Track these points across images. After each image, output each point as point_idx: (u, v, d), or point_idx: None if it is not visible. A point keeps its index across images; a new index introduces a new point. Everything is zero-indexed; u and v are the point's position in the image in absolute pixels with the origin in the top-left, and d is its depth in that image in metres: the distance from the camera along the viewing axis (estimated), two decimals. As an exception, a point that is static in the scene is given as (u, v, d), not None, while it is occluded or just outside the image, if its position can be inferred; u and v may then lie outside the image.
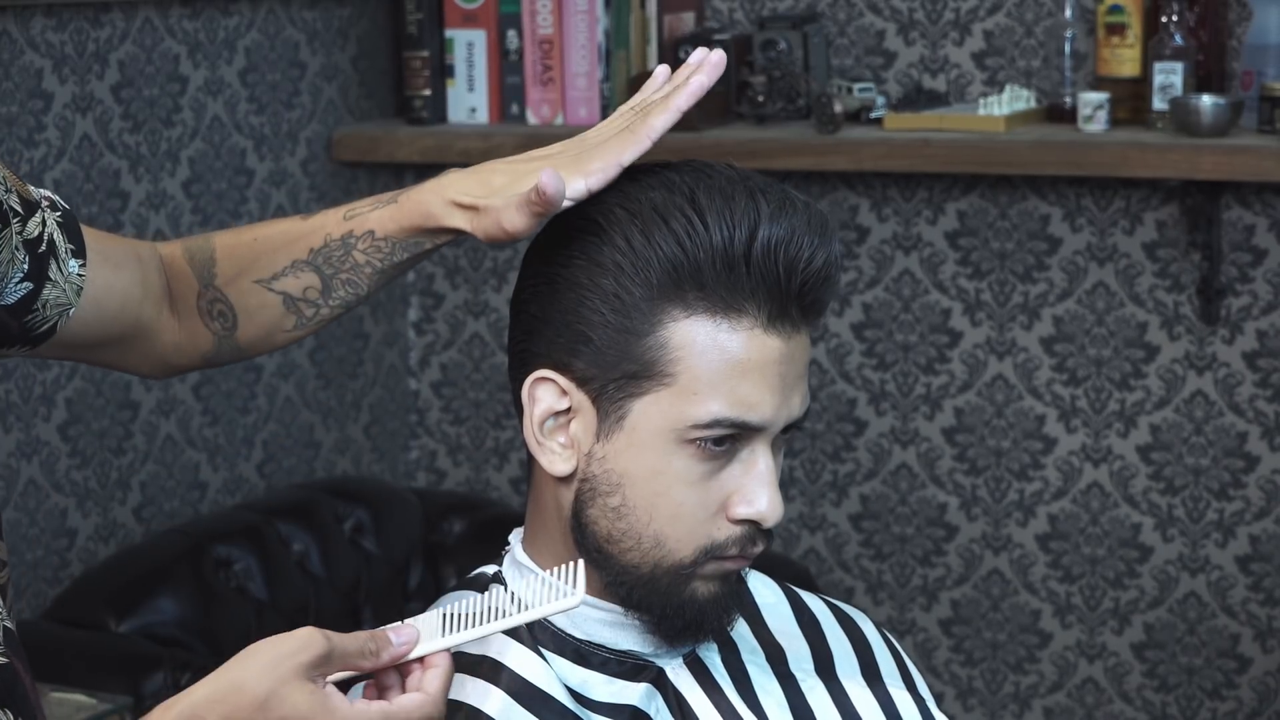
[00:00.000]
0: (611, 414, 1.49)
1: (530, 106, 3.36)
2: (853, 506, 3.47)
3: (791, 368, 1.49)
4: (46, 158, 2.78)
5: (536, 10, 3.33)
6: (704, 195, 1.47)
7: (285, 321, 1.65)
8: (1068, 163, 3.08)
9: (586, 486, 1.51)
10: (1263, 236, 3.20)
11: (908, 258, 3.37)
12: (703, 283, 1.46)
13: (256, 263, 1.65)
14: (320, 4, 3.34)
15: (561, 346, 1.50)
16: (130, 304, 1.63)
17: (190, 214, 3.06)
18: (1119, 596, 3.35)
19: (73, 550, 2.87)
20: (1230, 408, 3.24)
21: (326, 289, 1.63)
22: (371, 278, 1.62)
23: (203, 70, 3.08)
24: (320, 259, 1.63)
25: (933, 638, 3.45)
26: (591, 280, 1.48)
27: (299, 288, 1.63)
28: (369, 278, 1.62)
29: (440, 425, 3.64)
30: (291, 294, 1.63)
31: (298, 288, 1.63)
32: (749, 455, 1.50)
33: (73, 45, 2.82)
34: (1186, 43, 3.06)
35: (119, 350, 1.65)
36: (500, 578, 1.59)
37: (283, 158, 3.27)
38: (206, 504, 3.12)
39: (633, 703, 1.54)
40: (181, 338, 1.67)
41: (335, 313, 1.65)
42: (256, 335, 1.67)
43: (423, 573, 3.11)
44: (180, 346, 1.67)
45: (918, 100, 3.26)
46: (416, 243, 1.60)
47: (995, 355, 3.35)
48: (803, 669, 1.63)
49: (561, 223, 1.53)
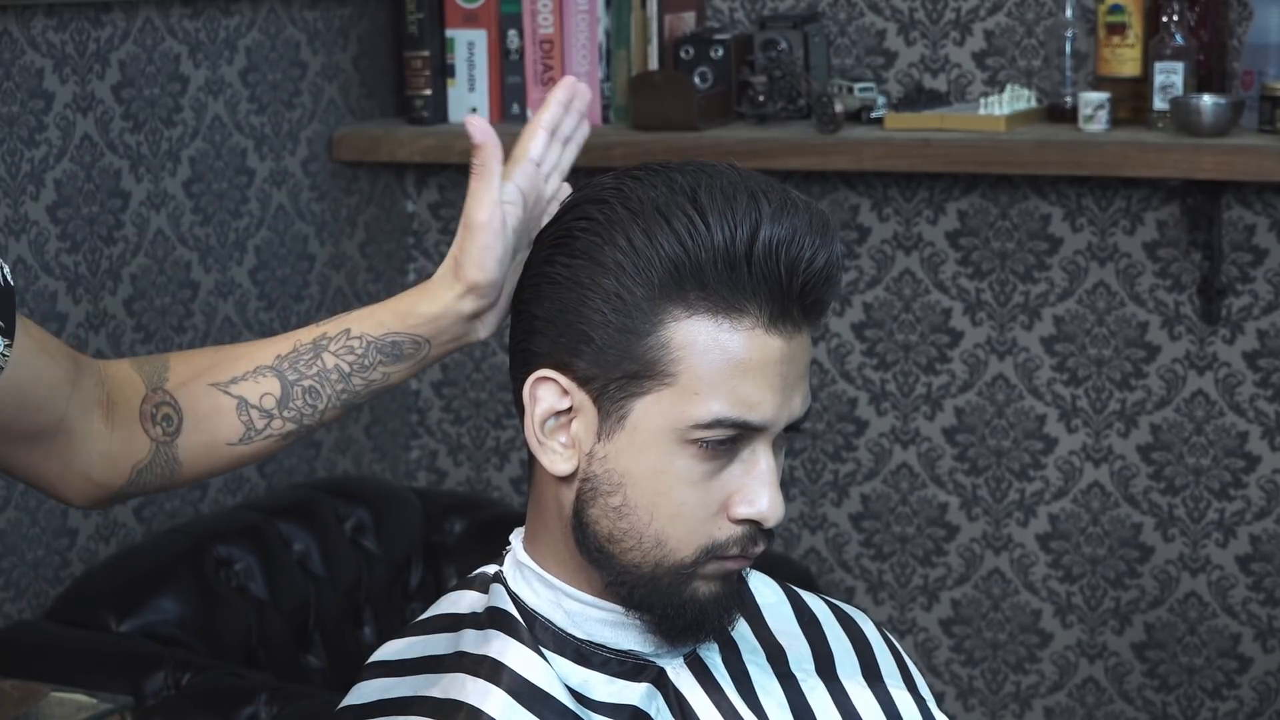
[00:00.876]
0: (613, 414, 1.49)
1: (531, 106, 3.36)
2: (853, 506, 3.47)
3: (793, 367, 1.49)
4: (47, 158, 2.78)
5: (537, 10, 3.33)
6: (706, 195, 1.47)
7: (232, 431, 1.59)
8: (1068, 162, 3.08)
9: (588, 486, 1.51)
10: (1263, 236, 3.20)
11: (908, 257, 3.37)
12: (704, 282, 1.46)
13: (216, 367, 1.60)
14: (321, 4, 3.34)
15: (563, 346, 1.51)
16: (58, 400, 1.55)
17: (190, 214, 3.06)
18: (1119, 596, 3.35)
19: (73, 550, 2.87)
20: (1231, 408, 3.24)
21: (284, 398, 1.58)
22: (336, 386, 1.58)
23: (203, 70, 3.08)
24: (286, 364, 1.58)
25: (933, 638, 3.46)
26: (593, 280, 1.48)
27: (256, 393, 1.58)
28: (333, 386, 1.58)
29: (441, 425, 3.64)
30: (247, 399, 1.58)
31: (255, 393, 1.58)
32: (750, 455, 1.50)
33: (73, 45, 2.82)
34: (1187, 42, 3.06)
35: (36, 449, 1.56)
36: (501, 578, 1.59)
37: (283, 157, 3.27)
38: (207, 503, 3.12)
39: (633, 703, 1.54)
40: (113, 446, 1.59)
41: (286, 429, 1.59)
42: (198, 446, 1.60)
43: (423, 572, 3.11)
44: (109, 456, 1.59)
45: (918, 100, 3.26)
46: (394, 344, 1.57)
47: (996, 355, 3.35)
48: (803, 669, 1.63)
49: (563, 222, 1.53)
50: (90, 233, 2.86)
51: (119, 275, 2.92)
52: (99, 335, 2.88)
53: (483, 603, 1.59)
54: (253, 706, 2.50)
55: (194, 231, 3.06)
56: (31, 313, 2.76)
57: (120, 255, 2.92)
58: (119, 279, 2.92)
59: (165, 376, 1.60)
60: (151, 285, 2.98)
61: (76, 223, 2.83)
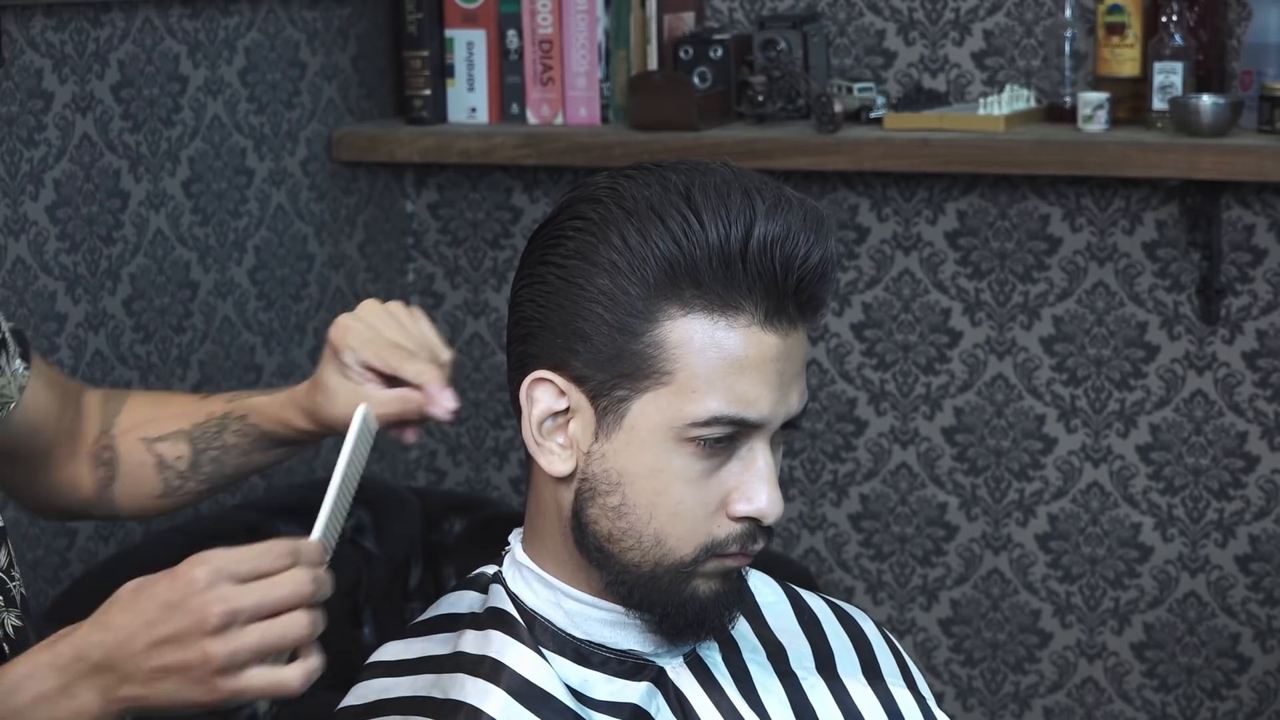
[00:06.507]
0: (610, 413, 1.49)
1: (530, 106, 3.36)
2: (853, 506, 3.47)
3: (789, 364, 1.49)
4: (46, 158, 2.78)
5: (536, 10, 3.33)
6: (700, 193, 1.47)
7: (154, 487, 1.70)
8: (1068, 162, 3.08)
9: (586, 486, 1.51)
10: (1263, 236, 3.20)
11: (908, 257, 3.37)
12: (699, 280, 1.46)
13: (153, 421, 1.69)
14: (320, 4, 3.34)
15: (559, 346, 1.51)
16: (49, 426, 1.66)
17: (190, 214, 3.06)
18: (1119, 596, 3.35)
19: (73, 550, 2.87)
20: (1230, 408, 3.24)
21: (195, 464, 1.68)
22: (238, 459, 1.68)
23: (203, 70, 3.08)
24: (198, 432, 1.67)
25: (933, 637, 3.46)
26: (588, 280, 1.48)
27: (172, 455, 1.68)
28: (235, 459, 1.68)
29: (440, 425, 3.64)
30: (165, 459, 1.68)
31: (172, 454, 1.68)
32: (748, 452, 1.50)
33: (73, 45, 2.82)
34: (1186, 42, 3.06)
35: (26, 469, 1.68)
36: (500, 578, 1.59)
37: (283, 157, 3.27)
38: (206, 504, 3.12)
39: (634, 701, 1.54)
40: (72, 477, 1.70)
41: (201, 489, 1.69)
42: (130, 494, 1.70)
43: (422, 572, 3.11)
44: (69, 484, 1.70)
45: (918, 100, 3.26)
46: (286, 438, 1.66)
47: (995, 355, 3.35)
48: (804, 667, 1.63)
49: (557, 222, 1.53)
50: (89, 233, 2.86)
51: (118, 275, 2.92)
52: (98, 335, 2.88)
53: (482, 603, 1.59)
54: (252, 706, 2.50)
55: (193, 231, 3.07)
56: (31, 313, 2.76)
57: (119, 255, 2.92)
58: (118, 279, 2.92)
59: (116, 420, 1.72)
60: (151, 285, 2.98)
61: (76, 223, 2.83)
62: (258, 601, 1.31)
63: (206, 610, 1.31)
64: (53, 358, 2.81)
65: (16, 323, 1.88)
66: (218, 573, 1.31)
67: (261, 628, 1.31)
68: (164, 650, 1.32)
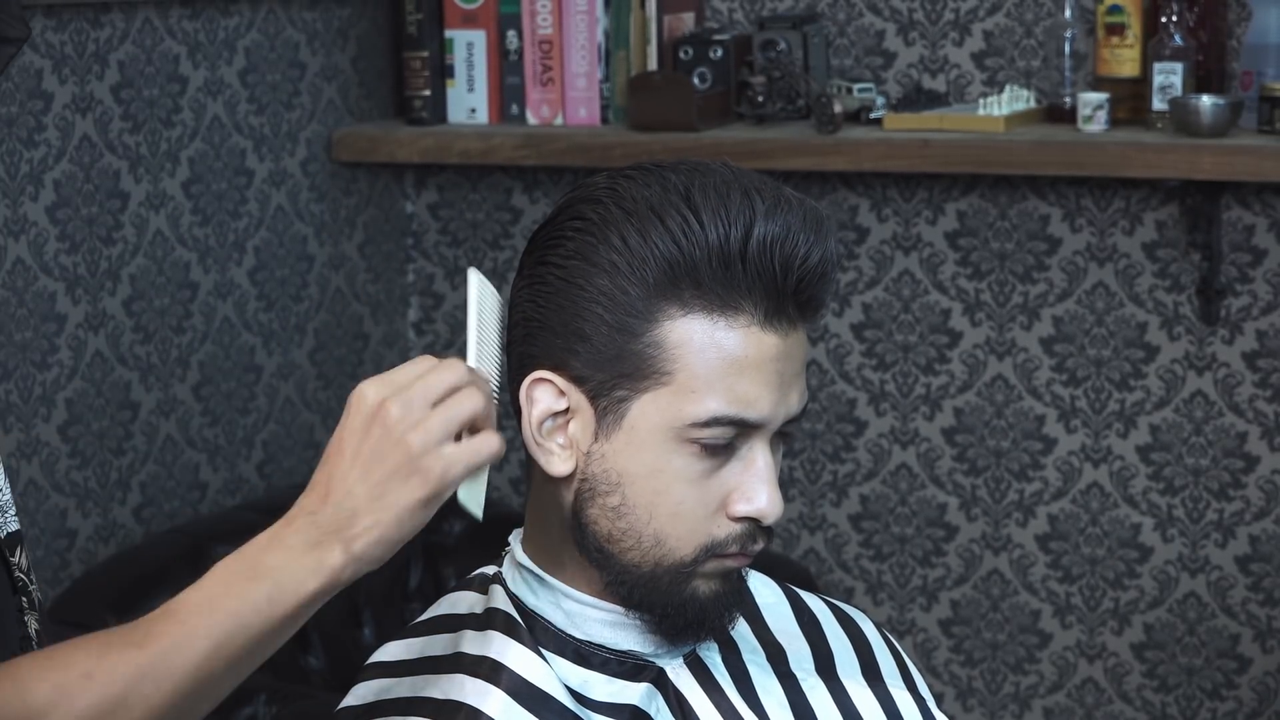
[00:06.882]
0: (610, 413, 1.49)
1: (530, 107, 3.36)
2: (853, 507, 3.47)
3: (789, 365, 1.49)
4: (46, 158, 2.78)
5: (536, 10, 3.33)
6: (699, 193, 1.47)
7: None
8: (1067, 163, 3.08)
9: (586, 486, 1.51)
10: (1262, 236, 3.20)
11: (907, 258, 3.37)
12: (699, 281, 1.46)
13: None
14: (320, 4, 3.34)
15: (559, 347, 1.50)
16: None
17: (190, 214, 3.06)
18: (1119, 597, 3.35)
19: (73, 551, 2.87)
20: (1230, 408, 3.24)
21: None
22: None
23: (203, 70, 3.08)
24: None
25: (932, 638, 3.45)
26: (588, 280, 1.48)
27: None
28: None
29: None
30: None
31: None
32: (748, 453, 1.50)
33: (73, 45, 2.82)
34: (1186, 43, 3.06)
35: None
36: (500, 578, 1.59)
37: (282, 158, 3.27)
38: (206, 504, 3.12)
39: (633, 702, 1.54)
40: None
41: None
42: None
43: (422, 573, 3.11)
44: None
45: (917, 100, 3.26)
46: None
47: (995, 355, 3.35)
48: (803, 668, 1.63)
49: (556, 223, 1.53)
50: (89, 233, 2.86)
51: (118, 276, 2.92)
52: (98, 336, 2.88)
53: (482, 603, 1.59)
54: (252, 707, 2.50)
55: (193, 232, 3.06)
56: (30, 313, 2.76)
57: (119, 256, 2.92)
58: (118, 279, 2.92)
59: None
60: (150, 286, 2.98)
61: (75, 223, 2.83)
62: (424, 390, 1.40)
63: (387, 414, 1.39)
64: (53, 358, 2.81)
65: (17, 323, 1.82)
66: (382, 384, 1.40)
67: (440, 408, 1.41)
68: (372, 468, 1.40)
